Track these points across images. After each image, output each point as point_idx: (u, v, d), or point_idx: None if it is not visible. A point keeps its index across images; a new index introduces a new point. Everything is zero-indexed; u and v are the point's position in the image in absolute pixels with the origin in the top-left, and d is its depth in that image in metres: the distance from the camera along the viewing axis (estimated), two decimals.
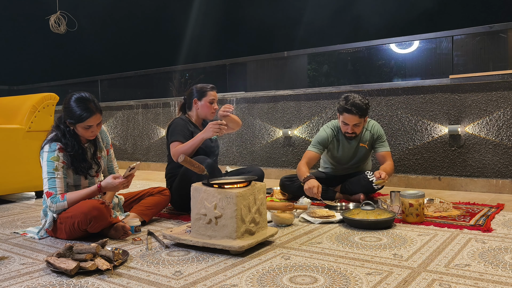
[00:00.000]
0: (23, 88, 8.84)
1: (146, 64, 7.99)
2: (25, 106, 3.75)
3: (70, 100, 2.38)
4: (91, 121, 2.36)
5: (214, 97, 3.08)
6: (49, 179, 2.31)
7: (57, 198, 2.29)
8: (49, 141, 2.38)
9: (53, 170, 2.32)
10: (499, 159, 3.66)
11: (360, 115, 3.07)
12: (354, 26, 8.62)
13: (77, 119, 2.35)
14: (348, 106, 3.05)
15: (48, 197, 2.30)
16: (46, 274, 1.83)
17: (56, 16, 5.81)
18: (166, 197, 2.82)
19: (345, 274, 1.74)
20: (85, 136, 2.42)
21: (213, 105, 3.07)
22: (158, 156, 5.94)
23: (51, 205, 2.29)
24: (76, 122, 2.36)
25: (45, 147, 2.37)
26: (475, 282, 1.63)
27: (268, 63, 6.28)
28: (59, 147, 2.35)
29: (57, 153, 2.34)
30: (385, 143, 3.25)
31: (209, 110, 3.07)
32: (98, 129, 2.43)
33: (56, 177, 2.32)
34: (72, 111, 2.35)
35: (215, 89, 3.13)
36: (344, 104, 3.08)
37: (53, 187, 2.30)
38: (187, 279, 1.73)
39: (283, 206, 2.70)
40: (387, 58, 5.48)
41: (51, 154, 2.33)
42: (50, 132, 2.45)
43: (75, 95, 2.39)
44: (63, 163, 2.36)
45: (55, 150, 2.34)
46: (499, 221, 2.59)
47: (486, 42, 4.51)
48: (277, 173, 4.74)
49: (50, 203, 2.29)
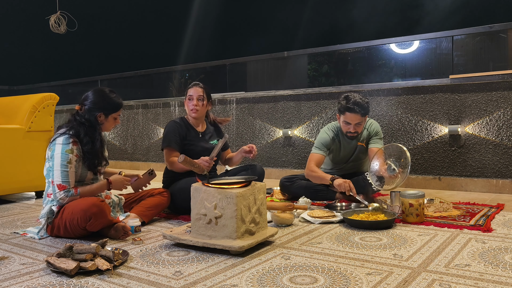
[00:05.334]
0: (23, 88, 8.83)
1: (146, 64, 7.99)
2: (25, 106, 3.75)
3: (102, 92, 2.49)
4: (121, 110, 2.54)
5: (192, 92, 2.99)
6: (62, 171, 2.33)
7: (71, 192, 2.33)
8: (63, 134, 2.40)
9: (67, 163, 2.34)
10: (499, 159, 3.66)
11: (362, 114, 3.07)
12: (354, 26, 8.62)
13: (114, 107, 2.49)
14: (350, 105, 3.05)
15: (61, 190, 2.32)
16: (46, 274, 1.83)
17: (56, 16, 5.80)
18: (166, 198, 2.82)
19: (345, 274, 1.74)
20: (110, 127, 2.53)
21: (192, 101, 2.97)
22: (158, 156, 5.94)
23: (63, 198, 2.32)
24: (112, 111, 2.48)
25: (58, 139, 2.38)
26: (475, 282, 1.63)
27: (268, 63, 6.28)
28: (73, 140, 2.38)
29: (72, 146, 2.36)
30: (380, 140, 3.25)
31: (188, 107, 3.00)
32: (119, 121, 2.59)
33: (69, 170, 2.34)
34: (108, 101, 2.47)
35: (197, 85, 3.02)
36: (345, 104, 3.08)
37: (66, 180, 2.33)
38: (187, 279, 1.73)
39: (283, 206, 2.70)
40: (387, 58, 5.48)
41: (65, 147, 2.35)
42: (62, 126, 2.47)
43: (105, 89, 2.53)
44: (77, 157, 2.39)
45: (69, 143, 2.36)
46: (499, 221, 2.59)
47: (486, 42, 4.51)
48: (277, 173, 4.74)
49: (63, 196, 2.31)
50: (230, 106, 5.17)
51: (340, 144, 3.28)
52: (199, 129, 3.08)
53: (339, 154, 3.30)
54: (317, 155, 3.23)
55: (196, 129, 3.05)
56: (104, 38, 11.23)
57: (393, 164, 2.84)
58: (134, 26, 11.50)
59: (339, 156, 3.31)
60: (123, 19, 11.26)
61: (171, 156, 2.93)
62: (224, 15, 11.10)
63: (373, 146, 3.20)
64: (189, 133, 3.00)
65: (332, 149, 3.29)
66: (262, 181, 3.27)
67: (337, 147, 3.29)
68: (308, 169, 3.21)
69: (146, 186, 2.91)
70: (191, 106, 2.97)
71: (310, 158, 3.25)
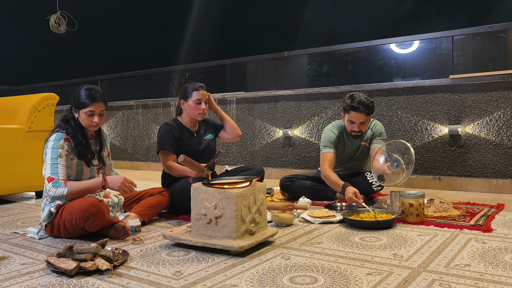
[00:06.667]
0: (23, 88, 8.83)
1: (146, 64, 7.99)
2: (25, 106, 3.75)
3: (79, 89, 2.50)
4: (94, 107, 2.43)
5: (200, 96, 2.94)
6: (52, 164, 2.34)
7: (59, 183, 2.31)
8: (55, 131, 2.45)
9: (57, 156, 2.35)
10: (499, 159, 3.66)
11: (367, 113, 3.06)
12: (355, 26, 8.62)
13: (81, 104, 2.43)
14: (355, 104, 3.04)
15: (49, 181, 2.31)
16: (46, 274, 1.83)
17: (56, 16, 5.80)
18: (166, 198, 2.82)
19: (345, 274, 1.74)
20: (88, 124, 2.46)
21: (200, 105, 2.94)
22: (158, 156, 5.93)
23: (51, 189, 2.30)
24: (80, 108, 2.44)
25: (51, 137, 2.43)
26: (475, 282, 1.63)
27: (268, 63, 6.28)
28: (65, 137, 2.41)
29: (63, 142, 2.39)
30: (383, 141, 3.25)
31: (195, 111, 2.95)
32: (101, 120, 2.49)
33: (59, 163, 2.35)
34: (78, 97, 2.46)
35: (203, 88, 2.98)
36: (350, 103, 3.07)
37: (55, 172, 2.33)
38: (187, 279, 1.73)
39: (283, 206, 2.70)
40: (387, 58, 5.48)
41: (56, 142, 2.39)
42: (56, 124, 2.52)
43: (87, 86, 2.52)
44: (67, 152, 2.40)
45: (61, 139, 2.40)
46: (499, 221, 2.59)
47: (486, 42, 4.51)
48: (277, 173, 4.74)
49: (51, 187, 2.30)
50: (230, 106, 5.17)
51: (344, 143, 3.28)
52: (193, 128, 3.07)
53: (342, 152, 3.30)
54: (328, 154, 3.21)
55: (190, 129, 3.04)
56: (104, 38, 11.24)
57: (400, 158, 2.82)
58: (134, 26, 11.50)
59: (342, 155, 3.31)
60: (123, 19, 11.26)
61: (167, 159, 2.92)
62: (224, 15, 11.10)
63: (375, 146, 3.20)
64: (183, 134, 2.99)
65: (337, 146, 3.29)
66: (262, 181, 3.26)
67: (341, 146, 3.29)
68: (323, 172, 3.16)
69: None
70: (200, 110, 2.94)
71: (322, 159, 3.22)
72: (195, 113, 2.97)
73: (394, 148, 2.92)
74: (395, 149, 2.90)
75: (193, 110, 2.96)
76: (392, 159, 2.86)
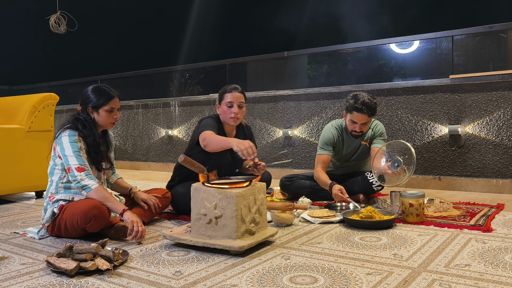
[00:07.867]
0: (23, 88, 8.83)
1: (146, 64, 7.99)
2: (25, 106, 3.75)
3: (90, 88, 2.51)
4: (113, 103, 2.47)
5: (232, 99, 2.68)
6: (77, 156, 2.33)
7: (93, 179, 2.31)
8: (66, 128, 2.41)
9: (78, 149, 2.35)
10: (499, 159, 3.66)
11: (369, 114, 3.06)
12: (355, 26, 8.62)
13: (100, 103, 2.44)
14: (359, 105, 3.04)
15: (79, 171, 2.30)
16: (46, 274, 1.83)
17: (56, 16, 5.81)
18: (166, 199, 2.82)
19: (345, 274, 1.74)
20: (107, 121, 2.48)
21: (232, 108, 2.67)
22: (158, 156, 5.95)
23: (84, 179, 2.29)
24: (99, 106, 2.44)
25: (63, 133, 2.40)
26: (475, 282, 1.63)
27: (268, 63, 6.29)
28: (78, 133, 2.40)
29: (78, 137, 2.39)
30: (383, 142, 3.25)
31: (227, 115, 2.69)
32: (117, 116, 2.53)
33: (82, 156, 2.35)
34: (94, 96, 2.45)
35: (237, 89, 2.71)
36: (354, 103, 3.06)
37: (83, 163, 2.33)
38: (187, 279, 1.73)
39: (283, 206, 2.70)
40: (387, 58, 5.48)
41: (72, 137, 2.37)
42: (65, 123, 2.47)
43: (92, 85, 2.53)
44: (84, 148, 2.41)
45: (75, 135, 2.39)
46: (499, 221, 2.59)
47: (486, 42, 4.51)
48: (277, 173, 4.74)
49: (84, 176, 2.29)
50: None
51: (344, 142, 3.28)
52: (230, 136, 2.77)
53: (341, 152, 3.30)
54: (323, 156, 3.23)
55: (227, 136, 2.75)
56: (104, 38, 11.24)
57: (400, 158, 2.83)
58: (134, 26, 11.50)
59: (342, 154, 3.31)
60: (123, 19, 11.26)
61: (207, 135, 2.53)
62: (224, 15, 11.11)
63: (375, 146, 3.21)
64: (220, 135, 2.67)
65: (335, 146, 3.29)
66: (269, 185, 3.25)
67: (340, 145, 3.29)
68: (315, 174, 3.21)
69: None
70: (231, 114, 2.67)
71: (317, 160, 3.24)
72: (226, 117, 2.71)
73: (394, 148, 2.93)
74: (396, 149, 2.91)
75: (224, 114, 2.71)
76: (393, 159, 2.86)
